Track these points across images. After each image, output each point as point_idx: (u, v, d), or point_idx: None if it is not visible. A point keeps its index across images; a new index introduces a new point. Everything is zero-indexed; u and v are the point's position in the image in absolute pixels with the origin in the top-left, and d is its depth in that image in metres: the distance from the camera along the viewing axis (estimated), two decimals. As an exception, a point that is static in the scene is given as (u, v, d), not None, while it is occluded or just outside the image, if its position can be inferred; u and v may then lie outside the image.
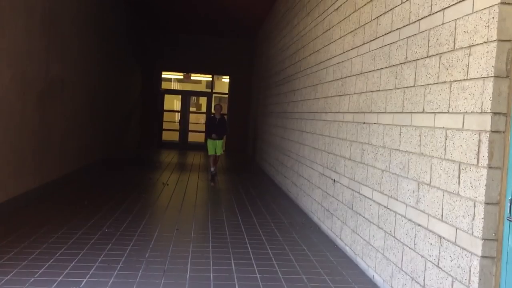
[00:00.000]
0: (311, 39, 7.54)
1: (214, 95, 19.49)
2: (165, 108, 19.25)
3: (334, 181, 5.77)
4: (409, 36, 3.83)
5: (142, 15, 15.20)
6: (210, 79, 19.51)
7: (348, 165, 5.26)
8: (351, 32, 5.43)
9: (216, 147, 10.64)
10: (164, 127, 19.15)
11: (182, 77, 20.32)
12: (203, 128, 19.30)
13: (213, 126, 10.50)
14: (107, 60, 11.54)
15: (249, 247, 5.23)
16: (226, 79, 20.19)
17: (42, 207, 6.69)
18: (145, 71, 17.83)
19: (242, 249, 5.15)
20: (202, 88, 23.36)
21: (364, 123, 4.82)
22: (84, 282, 3.91)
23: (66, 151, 8.59)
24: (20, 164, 6.44)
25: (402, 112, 3.88)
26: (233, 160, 15.55)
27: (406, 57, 3.86)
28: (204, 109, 20.00)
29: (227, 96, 19.23)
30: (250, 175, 11.57)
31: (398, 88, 4.00)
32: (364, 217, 4.65)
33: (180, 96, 19.25)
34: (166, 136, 19.51)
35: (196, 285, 3.99)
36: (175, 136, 19.41)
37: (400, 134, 3.90)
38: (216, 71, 18.88)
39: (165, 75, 19.38)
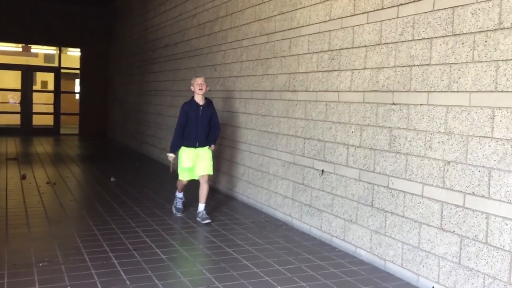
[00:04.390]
0: (249, 5, 6.44)
1: (62, 70, 16.75)
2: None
3: (323, 171, 4.90)
4: (506, -3, 3.11)
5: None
6: (54, 52, 16.75)
7: (356, 154, 4.43)
8: (348, -6, 4.55)
9: (199, 161, 5.47)
10: (-1, 109, 15.95)
11: (20, 49, 17.07)
12: (50, 109, 16.58)
13: (195, 122, 5.40)
14: None
15: (252, 266, 4.08)
16: (72, 53, 17.53)
17: None
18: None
19: (247, 269, 3.98)
20: (39, 62, 20.10)
21: (393, 104, 4.03)
22: None
23: None
24: None
25: (495, 91, 3.18)
26: (98, 145, 13.59)
27: (501, 23, 3.14)
28: (51, 87, 17.11)
29: (78, 71, 16.71)
30: (140, 163, 10.00)
31: (480, 62, 3.27)
32: (403, 217, 3.90)
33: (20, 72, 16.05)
34: (2, 120, 16.32)
35: None
36: (14, 120, 16.29)
37: (492, 118, 3.19)
38: (64, 43, 16.21)
39: (-2, 46, 16.05)
